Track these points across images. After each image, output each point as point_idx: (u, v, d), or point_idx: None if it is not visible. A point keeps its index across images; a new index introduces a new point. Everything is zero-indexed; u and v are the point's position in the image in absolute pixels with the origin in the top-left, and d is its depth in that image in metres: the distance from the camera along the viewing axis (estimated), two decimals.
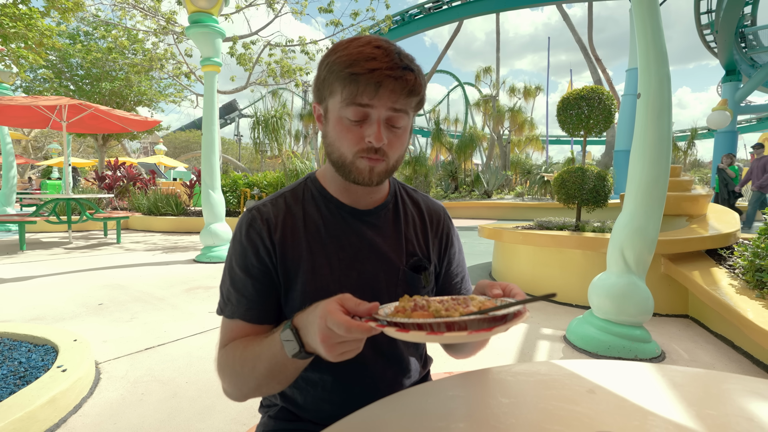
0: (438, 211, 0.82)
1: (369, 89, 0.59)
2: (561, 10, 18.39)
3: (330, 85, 0.63)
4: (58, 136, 21.27)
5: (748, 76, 10.12)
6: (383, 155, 0.63)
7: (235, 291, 0.68)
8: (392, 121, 0.62)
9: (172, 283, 3.79)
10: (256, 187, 8.74)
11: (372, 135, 0.61)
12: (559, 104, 3.82)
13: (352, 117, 0.62)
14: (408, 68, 0.60)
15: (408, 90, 0.60)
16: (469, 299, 0.50)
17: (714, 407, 0.59)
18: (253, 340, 0.63)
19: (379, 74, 0.58)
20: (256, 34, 10.03)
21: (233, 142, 37.37)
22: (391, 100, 0.60)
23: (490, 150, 17.68)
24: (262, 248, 0.68)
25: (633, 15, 2.23)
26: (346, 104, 0.61)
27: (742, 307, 2.13)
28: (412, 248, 0.75)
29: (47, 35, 5.21)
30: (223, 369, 0.64)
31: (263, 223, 0.68)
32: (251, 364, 0.59)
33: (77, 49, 11.43)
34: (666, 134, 2.13)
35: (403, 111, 0.62)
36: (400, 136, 0.65)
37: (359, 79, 0.59)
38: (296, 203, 0.72)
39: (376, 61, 0.58)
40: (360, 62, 0.59)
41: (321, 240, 0.70)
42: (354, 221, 0.72)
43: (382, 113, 0.61)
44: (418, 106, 0.65)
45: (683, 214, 4.01)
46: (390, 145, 0.63)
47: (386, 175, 0.66)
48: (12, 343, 2.05)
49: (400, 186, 0.81)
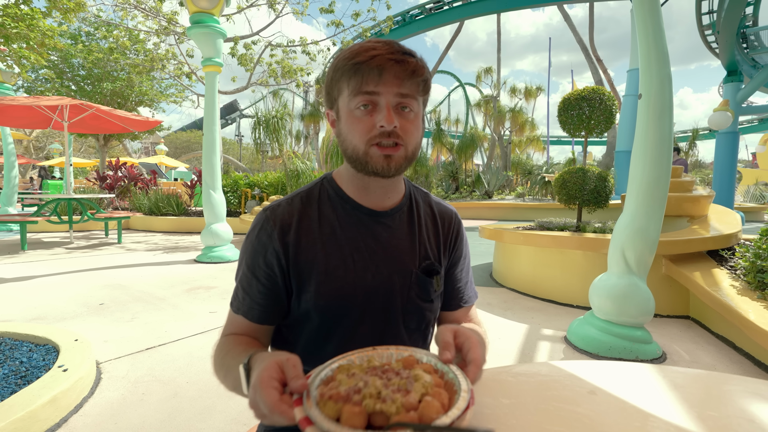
0: (450, 214, 0.82)
1: (373, 75, 0.61)
2: (562, 11, 18.38)
3: (338, 84, 0.65)
4: (59, 136, 21.31)
5: (750, 77, 10.10)
6: (399, 140, 0.63)
7: (242, 288, 0.70)
8: (402, 105, 0.63)
9: (172, 283, 3.79)
10: (257, 187, 8.74)
11: (383, 119, 0.61)
12: (560, 105, 3.82)
13: (361, 105, 0.63)
14: (408, 53, 0.62)
15: (411, 71, 0.61)
16: (413, 378, 0.44)
17: (715, 408, 0.59)
18: (234, 347, 0.64)
19: (380, 59, 0.60)
20: (258, 35, 10.04)
21: (234, 142, 37.40)
22: (395, 84, 0.61)
23: (491, 150, 17.67)
24: (270, 251, 0.68)
25: (634, 15, 2.22)
26: (353, 95, 0.63)
27: (744, 308, 2.13)
28: (425, 251, 0.75)
29: (49, 35, 5.22)
30: (212, 359, 0.67)
31: (275, 225, 0.68)
32: (223, 372, 0.62)
33: (79, 50, 11.44)
34: (667, 135, 2.13)
35: (411, 96, 0.63)
36: (412, 120, 0.65)
37: (362, 67, 0.61)
38: (312, 204, 0.72)
39: (377, 50, 0.61)
40: (361, 53, 0.61)
41: (337, 241, 0.69)
42: (370, 222, 0.72)
43: (390, 99, 0.62)
44: (425, 90, 0.65)
45: (684, 215, 4.01)
46: (404, 130, 0.63)
47: (405, 162, 0.65)
48: (13, 343, 2.05)
49: (414, 189, 0.81)
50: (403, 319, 0.72)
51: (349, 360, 0.50)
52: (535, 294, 3.51)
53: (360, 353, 0.51)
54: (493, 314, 3.02)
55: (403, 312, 0.72)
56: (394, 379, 0.44)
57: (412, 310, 0.73)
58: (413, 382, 0.43)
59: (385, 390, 0.42)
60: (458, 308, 0.80)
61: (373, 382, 0.43)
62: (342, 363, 0.49)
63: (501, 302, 3.33)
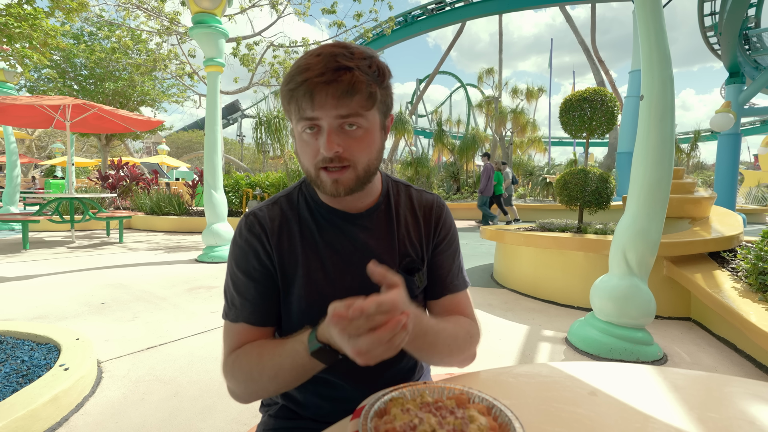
0: (430, 201, 0.79)
1: (306, 100, 0.57)
2: (564, 12, 18.38)
3: (286, 107, 0.62)
4: (61, 136, 21.36)
5: (752, 79, 10.07)
6: (345, 162, 0.61)
7: (238, 295, 0.68)
8: (347, 124, 0.59)
9: (174, 283, 3.80)
10: (258, 187, 8.76)
11: (322, 145, 0.59)
12: (561, 106, 3.82)
13: (305, 131, 0.61)
14: (343, 68, 0.56)
15: (344, 91, 0.56)
16: (468, 419, 0.44)
17: (716, 410, 0.59)
18: (265, 349, 0.63)
19: (309, 84, 0.56)
20: (260, 35, 10.06)
21: (236, 142, 37.43)
22: (332, 106, 0.57)
23: (493, 151, 17.66)
24: (262, 251, 0.69)
25: (636, 17, 2.22)
26: (297, 121, 0.61)
27: (745, 310, 2.12)
28: (404, 249, 0.74)
29: (51, 35, 5.23)
30: (235, 375, 0.64)
31: (261, 228, 0.69)
32: (271, 372, 0.60)
33: (81, 49, 11.46)
34: (669, 136, 2.12)
35: (354, 114, 0.58)
36: (361, 138, 0.61)
37: (295, 93, 0.58)
38: (291, 209, 0.73)
39: (309, 71, 0.57)
40: (294, 77, 0.58)
41: (315, 245, 0.70)
42: (346, 225, 0.72)
43: (331, 122, 0.58)
44: (373, 101, 0.60)
45: (686, 217, 4.00)
46: (350, 150, 0.60)
47: (356, 182, 0.63)
48: (15, 342, 2.06)
49: (394, 184, 0.79)
50: None
51: (401, 392, 0.50)
52: (536, 295, 3.50)
53: (411, 387, 0.52)
54: (494, 315, 3.01)
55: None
56: (449, 418, 0.44)
57: None
58: (468, 423, 0.43)
59: (440, 429, 0.42)
60: (442, 296, 0.75)
61: (428, 419, 0.43)
62: (394, 395, 0.49)
63: (502, 303, 3.33)
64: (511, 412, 0.46)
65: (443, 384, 0.52)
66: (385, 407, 0.47)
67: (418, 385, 0.52)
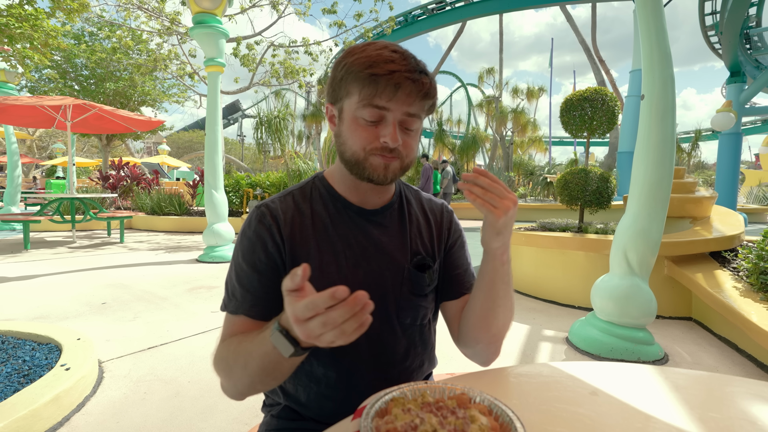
0: (440, 207, 0.84)
1: (388, 90, 0.60)
2: (565, 11, 18.35)
3: (347, 85, 0.64)
4: (62, 136, 21.39)
5: (753, 78, 10.05)
6: (398, 154, 0.65)
7: (240, 286, 0.67)
8: (406, 123, 0.64)
9: (174, 283, 3.80)
10: (258, 187, 8.76)
11: (388, 136, 0.62)
12: (562, 105, 3.81)
13: (369, 118, 0.63)
14: (424, 72, 0.62)
15: (423, 93, 0.62)
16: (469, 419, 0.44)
17: (717, 410, 0.59)
18: (247, 336, 0.61)
19: (398, 76, 0.60)
20: (260, 35, 10.06)
21: (236, 142, 37.45)
22: (407, 103, 0.62)
23: (493, 151, 17.67)
24: (271, 243, 0.68)
25: (637, 16, 2.22)
26: (362, 105, 0.62)
27: (746, 310, 2.12)
28: (416, 247, 0.76)
29: (52, 36, 5.23)
30: (218, 363, 0.64)
31: (272, 220, 0.69)
32: (243, 360, 0.58)
33: (82, 50, 11.45)
34: (670, 136, 2.12)
35: (417, 115, 0.64)
36: (413, 137, 0.66)
37: (379, 80, 0.60)
38: (304, 201, 0.73)
39: (395, 63, 0.60)
40: (380, 64, 0.60)
41: (329, 238, 0.70)
42: (361, 220, 0.73)
43: (398, 116, 0.63)
44: (430, 110, 0.67)
45: (687, 216, 3.99)
46: (405, 146, 0.65)
47: (400, 173, 0.67)
48: (16, 342, 2.06)
49: (404, 186, 0.82)
50: (398, 314, 0.73)
51: (401, 392, 0.50)
52: (537, 295, 3.50)
53: (412, 386, 0.52)
54: None
55: (397, 308, 0.72)
56: (450, 418, 0.44)
57: (406, 305, 0.73)
58: (469, 423, 0.43)
59: (441, 429, 0.42)
60: (461, 295, 0.78)
61: (429, 419, 0.43)
62: (395, 395, 0.49)
63: None
64: (512, 412, 0.46)
65: (444, 384, 0.52)
66: (386, 407, 0.47)
67: (419, 384, 0.52)
